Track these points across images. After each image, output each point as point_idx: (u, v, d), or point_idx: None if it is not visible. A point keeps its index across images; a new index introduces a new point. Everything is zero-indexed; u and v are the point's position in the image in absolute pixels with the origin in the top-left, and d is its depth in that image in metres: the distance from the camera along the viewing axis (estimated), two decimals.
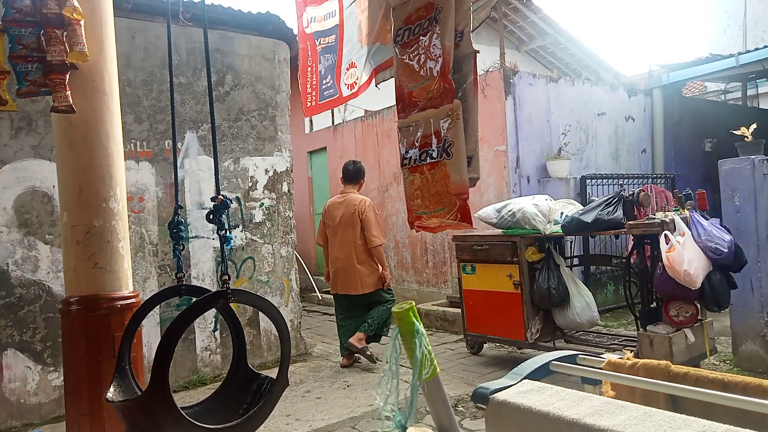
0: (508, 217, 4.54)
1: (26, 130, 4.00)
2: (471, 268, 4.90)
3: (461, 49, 1.86)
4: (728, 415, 1.24)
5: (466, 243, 4.92)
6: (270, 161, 5.25)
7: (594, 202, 4.30)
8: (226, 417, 1.94)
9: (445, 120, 1.79)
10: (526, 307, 4.50)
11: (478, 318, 4.92)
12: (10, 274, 3.90)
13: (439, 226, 1.90)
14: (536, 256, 4.51)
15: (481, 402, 1.37)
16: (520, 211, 4.46)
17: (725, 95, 11.91)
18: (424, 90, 1.86)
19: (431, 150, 1.84)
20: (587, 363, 1.61)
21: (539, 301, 4.46)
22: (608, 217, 4.04)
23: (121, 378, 2.04)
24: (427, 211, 1.89)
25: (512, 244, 4.55)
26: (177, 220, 2.34)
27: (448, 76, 1.78)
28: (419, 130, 1.88)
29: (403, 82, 1.96)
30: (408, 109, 1.94)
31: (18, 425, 3.86)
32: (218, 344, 4.83)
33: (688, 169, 7.78)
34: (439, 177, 1.83)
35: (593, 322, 4.51)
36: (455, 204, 1.79)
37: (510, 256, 4.55)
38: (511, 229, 4.58)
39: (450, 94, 1.77)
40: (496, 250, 4.66)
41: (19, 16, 2.22)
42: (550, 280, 4.38)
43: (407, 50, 1.92)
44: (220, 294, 1.87)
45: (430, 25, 1.83)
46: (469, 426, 3.52)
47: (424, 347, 1.21)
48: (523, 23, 10.44)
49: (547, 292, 4.36)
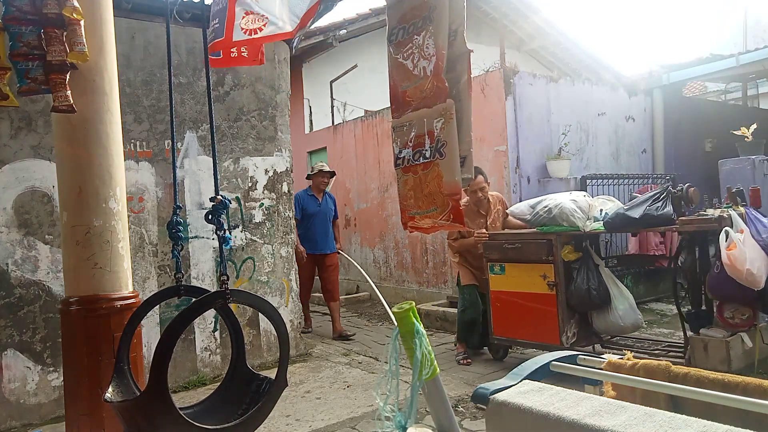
0: (544, 213, 4.26)
1: (26, 130, 4.00)
2: (500, 267, 4.57)
3: (455, 48, 1.84)
4: (728, 416, 1.24)
5: (495, 241, 4.59)
6: (270, 161, 5.24)
7: (638, 198, 4.00)
8: (225, 417, 1.94)
9: (439, 120, 1.77)
10: (561, 309, 4.18)
11: (506, 321, 4.57)
12: (9, 275, 3.89)
13: (432, 226, 1.88)
14: (573, 256, 4.23)
15: (482, 402, 1.37)
16: (558, 207, 4.17)
17: (725, 95, 11.90)
18: (417, 89, 1.85)
19: (424, 150, 1.82)
20: (587, 363, 1.61)
21: (577, 303, 4.18)
22: (657, 213, 3.73)
23: (119, 378, 2.04)
24: (420, 212, 1.88)
25: (547, 242, 4.22)
26: (176, 221, 2.33)
27: (441, 75, 1.76)
28: (413, 130, 1.86)
29: (396, 81, 1.94)
30: (401, 109, 1.93)
31: (18, 425, 3.85)
32: (218, 345, 4.83)
33: (688, 169, 7.77)
34: (431, 177, 1.81)
35: (637, 326, 4.24)
36: (448, 204, 1.77)
37: (545, 255, 4.23)
38: (546, 226, 4.27)
39: (443, 94, 1.76)
40: (529, 248, 4.35)
41: (19, 14, 2.22)
42: (590, 281, 4.11)
43: (401, 49, 1.90)
44: (218, 294, 1.87)
45: (424, 24, 1.81)
46: (469, 426, 3.51)
47: (425, 347, 1.21)
48: (523, 23, 10.44)
49: (587, 293, 4.08)
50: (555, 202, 4.22)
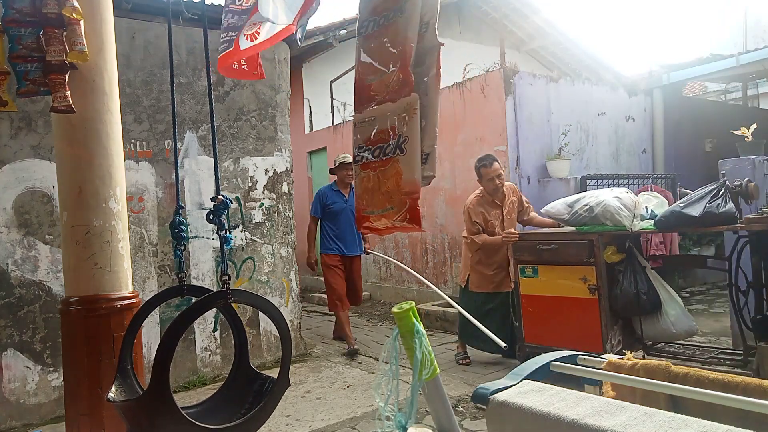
0: (584, 212, 3.94)
1: (26, 130, 4.00)
2: (532, 270, 4.26)
3: (425, 41, 1.75)
4: (728, 416, 1.24)
5: (527, 242, 4.28)
6: (270, 161, 5.24)
7: (692, 195, 3.65)
8: (227, 417, 1.94)
9: (402, 114, 1.67)
10: (604, 315, 3.87)
11: (539, 327, 4.23)
12: (9, 275, 3.89)
13: (387, 227, 1.76)
14: (616, 257, 3.93)
15: (482, 402, 1.37)
16: (601, 205, 3.85)
17: (725, 95, 11.91)
18: (383, 83, 1.74)
19: (386, 146, 1.71)
20: (587, 363, 1.61)
21: (623, 309, 3.86)
22: (719, 211, 3.41)
23: (122, 378, 2.05)
24: (376, 211, 1.76)
25: (588, 243, 3.91)
26: (179, 221, 2.34)
27: (408, 68, 1.66)
28: (375, 125, 1.75)
29: (362, 75, 1.84)
30: (365, 103, 1.81)
31: (18, 425, 3.86)
32: (218, 345, 4.83)
33: (688, 169, 7.78)
34: (391, 174, 1.69)
35: (692, 332, 3.92)
36: (405, 203, 1.66)
37: (585, 256, 3.92)
38: (586, 226, 3.96)
39: (408, 87, 1.66)
40: (567, 250, 4.03)
41: (18, 16, 2.22)
42: (638, 284, 3.79)
43: (369, 42, 1.81)
44: (220, 294, 1.87)
45: (395, 16, 1.73)
46: (469, 426, 3.52)
47: (425, 347, 1.21)
48: (523, 23, 10.44)
49: (635, 297, 3.76)
50: (597, 200, 3.92)
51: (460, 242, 6.98)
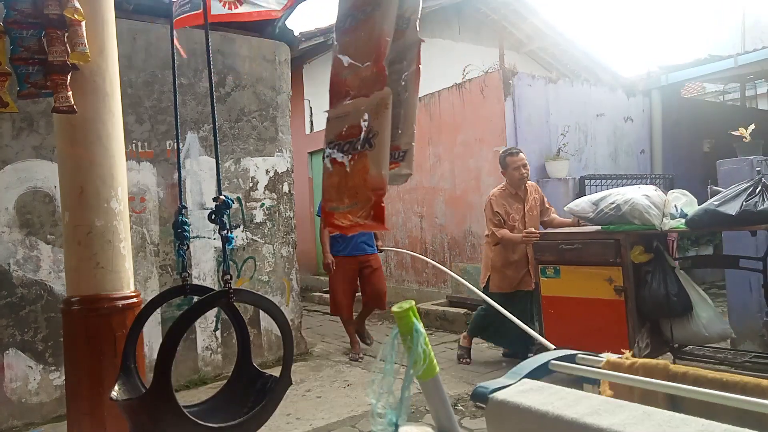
0: (610, 210, 3.79)
1: (28, 131, 4.01)
2: (554, 270, 4.11)
3: (406, 37, 1.71)
4: (727, 415, 1.25)
5: (549, 241, 4.13)
6: (271, 162, 5.26)
7: (726, 193, 3.50)
8: (229, 416, 1.95)
9: (374, 109, 1.61)
10: (631, 317, 3.71)
11: (561, 330, 4.04)
12: (11, 274, 3.90)
13: (352, 225, 1.69)
14: (644, 257, 3.78)
15: (481, 401, 1.38)
16: (628, 203, 3.70)
17: (724, 96, 11.92)
18: (357, 77, 1.69)
19: (356, 141, 1.65)
20: (586, 362, 1.62)
21: (651, 311, 3.73)
22: (758, 209, 3.26)
23: (126, 377, 2.06)
24: (341, 207, 1.69)
25: (615, 242, 3.77)
26: (181, 220, 2.35)
27: (381, 62, 1.61)
28: (348, 121, 1.69)
29: (338, 70, 1.79)
30: (339, 99, 1.76)
31: (19, 425, 3.87)
32: (219, 344, 4.84)
33: (686, 170, 7.79)
34: (358, 169, 1.63)
35: (725, 336, 3.81)
36: (370, 200, 1.60)
37: (612, 256, 3.78)
38: (612, 224, 3.82)
39: (381, 82, 1.61)
40: (591, 249, 3.90)
41: (20, 17, 2.22)
42: (668, 285, 3.65)
43: (346, 36, 1.77)
44: (222, 293, 1.88)
45: (373, 11, 1.68)
46: (468, 425, 3.53)
47: (422, 345, 1.21)
48: (522, 25, 10.46)
49: (666, 299, 3.62)
50: (624, 198, 3.76)
51: (460, 242, 7.01)
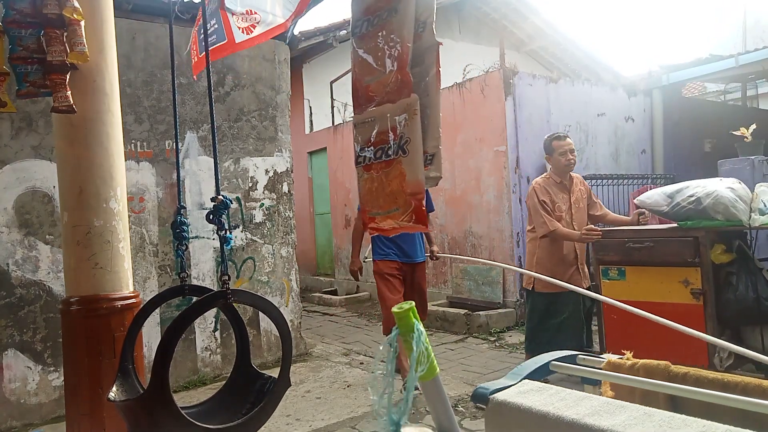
0: (688, 204, 3.42)
1: (27, 131, 4.00)
2: (618, 272, 3.76)
3: (423, 40, 1.73)
4: (728, 415, 1.24)
5: (613, 239, 3.76)
6: (270, 161, 5.25)
7: None
8: (228, 417, 1.94)
9: (402, 115, 1.65)
10: (711, 323, 3.35)
11: (625, 337, 3.62)
12: (10, 275, 3.90)
13: (393, 228, 1.73)
14: (725, 257, 3.40)
15: (481, 402, 1.38)
16: (711, 196, 3.31)
17: (725, 96, 11.91)
18: (381, 84, 1.72)
19: (387, 147, 1.69)
20: (587, 363, 1.61)
21: (737, 316, 3.35)
22: None
23: (124, 378, 2.05)
24: (381, 212, 1.74)
25: (693, 240, 3.40)
26: (180, 221, 2.34)
27: (405, 68, 1.64)
28: (375, 126, 1.73)
29: (359, 75, 1.83)
30: (364, 104, 1.80)
31: (18, 425, 3.86)
32: (218, 344, 4.83)
33: (687, 170, 7.78)
34: (394, 176, 1.67)
35: None
36: (410, 204, 1.64)
37: (689, 256, 3.41)
38: (690, 220, 3.45)
39: (407, 88, 1.64)
40: (665, 248, 3.53)
41: (19, 17, 2.22)
42: (758, 289, 3.25)
43: (364, 42, 1.80)
44: (220, 294, 1.87)
45: (389, 16, 1.71)
46: (469, 426, 3.52)
47: (422, 344, 1.21)
48: (523, 24, 10.46)
49: (755, 303, 3.22)
50: (706, 191, 3.38)
51: (460, 242, 7.00)
